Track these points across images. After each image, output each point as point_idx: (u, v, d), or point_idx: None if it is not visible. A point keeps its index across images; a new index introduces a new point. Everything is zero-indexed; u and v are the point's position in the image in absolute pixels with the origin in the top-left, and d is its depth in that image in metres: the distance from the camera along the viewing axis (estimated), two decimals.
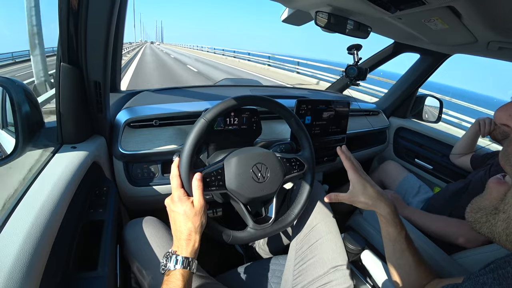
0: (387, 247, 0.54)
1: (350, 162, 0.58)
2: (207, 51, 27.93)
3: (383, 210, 0.52)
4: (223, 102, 0.56)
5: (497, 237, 0.24)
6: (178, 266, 0.46)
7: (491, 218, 0.25)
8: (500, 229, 0.24)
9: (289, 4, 0.83)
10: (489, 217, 0.26)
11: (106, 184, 0.65)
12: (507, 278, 0.24)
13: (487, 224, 0.26)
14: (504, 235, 0.24)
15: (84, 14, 0.53)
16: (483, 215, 0.26)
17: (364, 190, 0.54)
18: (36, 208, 0.41)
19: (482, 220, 0.26)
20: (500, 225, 0.24)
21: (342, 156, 0.60)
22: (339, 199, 0.57)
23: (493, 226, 0.25)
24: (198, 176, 0.51)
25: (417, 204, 1.16)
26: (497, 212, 0.25)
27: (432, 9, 0.59)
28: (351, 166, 0.58)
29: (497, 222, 0.24)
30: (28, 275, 0.33)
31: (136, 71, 9.09)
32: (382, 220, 0.54)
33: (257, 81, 1.54)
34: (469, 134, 1.12)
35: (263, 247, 0.95)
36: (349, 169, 0.57)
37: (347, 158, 0.59)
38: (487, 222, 0.26)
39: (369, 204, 0.54)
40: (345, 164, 0.59)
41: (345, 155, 0.60)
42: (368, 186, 0.54)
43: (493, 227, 0.25)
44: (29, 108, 0.54)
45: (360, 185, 0.55)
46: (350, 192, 0.56)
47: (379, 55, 1.41)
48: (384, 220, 0.53)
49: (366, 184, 0.55)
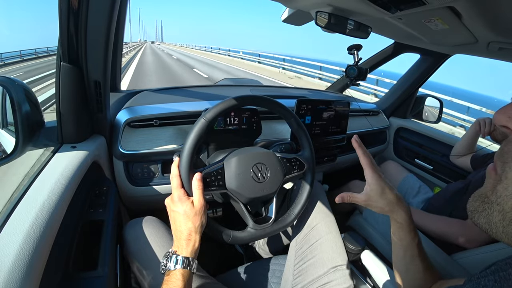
0: (397, 252, 0.51)
1: (368, 158, 0.50)
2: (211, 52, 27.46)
3: (400, 217, 0.48)
4: (223, 102, 0.56)
5: (494, 228, 0.25)
6: (178, 266, 0.46)
7: (486, 207, 0.26)
8: (496, 220, 0.24)
9: (289, 4, 0.83)
10: (485, 206, 0.26)
11: (106, 184, 0.65)
12: (509, 280, 0.24)
13: (484, 213, 0.26)
14: (501, 227, 0.24)
15: (84, 13, 0.53)
16: (480, 203, 0.27)
17: (382, 194, 0.48)
18: (36, 208, 0.41)
19: (480, 209, 0.26)
20: (497, 216, 0.24)
21: (359, 150, 0.50)
22: (353, 200, 0.51)
23: (489, 216, 0.25)
24: (198, 176, 0.51)
25: (417, 204, 1.16)
26: (489, 202, 0.25)
27: (432, 9, 0.59)
28: (369, 163, 0.49)
29: (493, 212, 0.25)
30: (28, 275, 0.33)
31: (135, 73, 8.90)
32: (396, 225, 0.49)
33: (257, 81, 1.54)
34: (469, 134, 1.12)
35: (263, 247, 0.95)
36: (368, 167, 0.49)
37: (365, 153, 0.50)
38: (483, 211, 0.26)
39: (385, 210, 0.48)
40: (362, 160, 0.50)
41: (362, 149, 0.50)
42: (387, 189, 0.48)
43: (490, 216, 0.25)
44: (29, 108, 0.54)
45: (379, 188, 0.48)
46: (367, 195, 0.49)
47: (379, 55, 1.41)
48: (398, 226, 0.49)
49: (385, 187, 0.48)
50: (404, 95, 1.44)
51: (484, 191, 0.27)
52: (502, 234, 0.24)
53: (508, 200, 0.23)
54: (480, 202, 0.27)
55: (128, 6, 0.96)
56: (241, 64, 15.96)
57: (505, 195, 0.24)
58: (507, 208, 0.23)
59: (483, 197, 0.26)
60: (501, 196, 0.24)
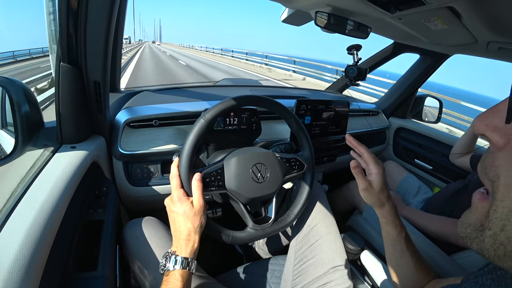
0: (387, 247, 0.54)
1: (372, 154, 0.53)
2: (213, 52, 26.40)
3: (386, 212, 0.51)
4: (222, 102, 0.56)
5: (486, 253, 0.24)
6: (177, 267, 0.46)
7: (479, 234, 0.25)
8: (488, 245, 0.24)
9: (289, 4, 0.83)
10: (478, 234, 0.25)
11: (105, 184, 0.65)
12: (506, 279, 0.24)
13: (477, 240, 0.25)
14: (492, 251, 0.23)
15: (84, 14, 0.53)
16: (472, 230, 0.26)
17: (382, 190, 0.51)
18: (35, 208, 0.41)
19: (472, 236, 0.26)
20: (488, 241, 0.24)
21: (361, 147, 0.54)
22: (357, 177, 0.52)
23: (481, 243, 0.24)
24: (198, 176, 0.51)
25: (417, 205, 1.16)
26: (483, 229, 0.24)
27: (432, 9, 0.59)
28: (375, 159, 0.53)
29: (484, 238, 0.24)
30: (28, 275, 0.33)
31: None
32: (382, 220, 0.53)
33: (257, 81, 1.54)
34: (468, 134, 1.12)
35: (263, 247, 0.95)
36: (373, 163, 0.52)
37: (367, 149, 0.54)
38: (476, 238, 0.25)
39: (376, 204, 0.52)
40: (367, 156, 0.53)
41: (364, 146, 0.54)
42: (385, 186, 0.52)
43: (482, 243, 0.24)
44: (28, 108, 0.54)
45: (381, 184, 0.51)
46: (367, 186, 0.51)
47: (379, 55, 1.41)
48: (384, 221, 0.52)
49: (385, 184, 0.52)
50: (404, 95, 1.44)
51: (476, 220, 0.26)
52: (494, 257, 0.23)
53: (498, 222, 0.23)
54: (472, 230, 0.26)
55: (132, 6, 0.96)
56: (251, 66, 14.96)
57: (495, 218, 0.23)
58: (497, 230, 0.23)
59: (477, 226, 0.25)
60: (491, 219, 0.23)
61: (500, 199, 0.22)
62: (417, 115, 1.48)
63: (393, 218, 0.51)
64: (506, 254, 0.22)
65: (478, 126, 0.25)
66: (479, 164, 0.25)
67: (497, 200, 0.23)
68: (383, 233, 0.54)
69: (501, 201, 0.22)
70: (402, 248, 0.51)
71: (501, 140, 0.22)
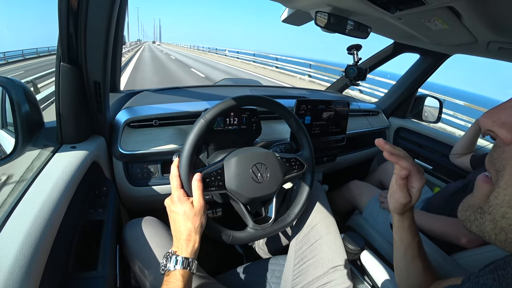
0: (398, 252, 0.51)
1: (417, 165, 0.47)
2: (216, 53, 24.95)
3: (405, 217, 0.48)
4: (222, 102, 0.56)
5: (487, 236, 0.25)
6: (178, 267, 0.46)
7: (478, 216, 0.26)
8: (488, 229, 0.25)
9: (289, 4, 0.83)
10: (476, 216, 0.26)
11: (105, 184, 0.65)
12: (507, 279, 0.24)
13: (476, 223, 0.26)
14: (493, 235, 0.24)
15: (84, 13, 0.53)
16: (472, 213, 0.27)
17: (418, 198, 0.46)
18: (35, 208, 0.41)
19: (471, 219, 0.26)
20: (488, 225, 0.25)
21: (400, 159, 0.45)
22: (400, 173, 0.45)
23: (481, 225, 0.25)
24: (198, 177, 0.51)
25: (417, 204, 1.16)
26: (482, 212, 0.25)
27: (432, 9, 0.59)
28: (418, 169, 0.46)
29: (484, 221, 0.25)
30: (28, 275, 0.33)
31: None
32: (398, 225, 0.49)
33: (257, 81, 1.54)
34: (469, 134, 1.12)
35: (263, 247, 0.95)
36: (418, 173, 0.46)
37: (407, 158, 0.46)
38: (475, 221, 0.26)
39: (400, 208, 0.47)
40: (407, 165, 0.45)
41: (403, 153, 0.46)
42: None
43: (482, 225, 0.25)
44: (28, 108, 0.54)
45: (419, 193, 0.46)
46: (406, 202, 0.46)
47: (379, 55, 1.41)
48: (400, 225, 0.49)
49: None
50: (404, 95, 1.44)
51: (476, 201, 0.26)
52: (495, 241, 0.24)
53: (499, 208, 0.23)
54: (471, 212, 0.27)
55: (126, 9, 0.96)
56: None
57: (495, 204, 0.24)
58: (497, 216, 0.24)
59: (475, 208, 0.26)
60: (492, 205, 0.24)
61: (504, 187, 0.23)
62: (417, 115, 1.48)
63: (410, 223, 0.49)
64: (507, 240, 0.23)
65: (485, 122, 0.25)
66: (488, 156, 0.26)
67: (500, 187, 0.24)
68: (395, 237, 0.51)
69: (504, 189, 0.23)
70: (414, 254, 0.49)
71: (509, 135, 0.23)
